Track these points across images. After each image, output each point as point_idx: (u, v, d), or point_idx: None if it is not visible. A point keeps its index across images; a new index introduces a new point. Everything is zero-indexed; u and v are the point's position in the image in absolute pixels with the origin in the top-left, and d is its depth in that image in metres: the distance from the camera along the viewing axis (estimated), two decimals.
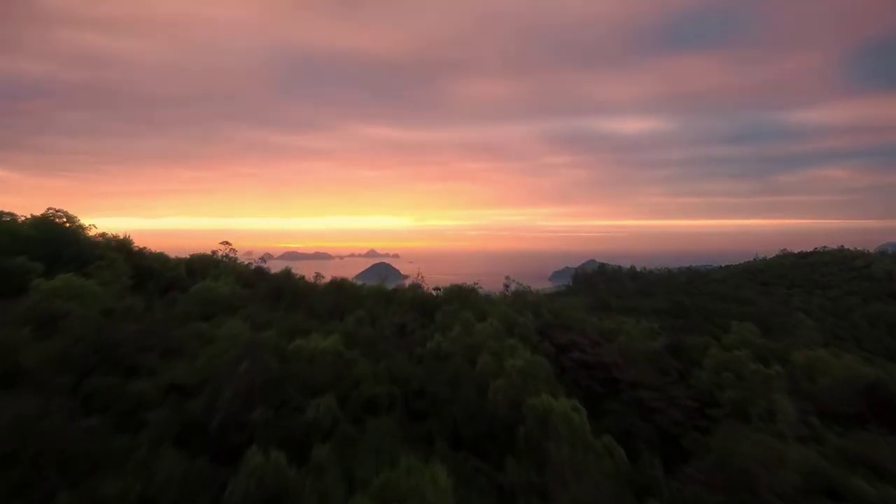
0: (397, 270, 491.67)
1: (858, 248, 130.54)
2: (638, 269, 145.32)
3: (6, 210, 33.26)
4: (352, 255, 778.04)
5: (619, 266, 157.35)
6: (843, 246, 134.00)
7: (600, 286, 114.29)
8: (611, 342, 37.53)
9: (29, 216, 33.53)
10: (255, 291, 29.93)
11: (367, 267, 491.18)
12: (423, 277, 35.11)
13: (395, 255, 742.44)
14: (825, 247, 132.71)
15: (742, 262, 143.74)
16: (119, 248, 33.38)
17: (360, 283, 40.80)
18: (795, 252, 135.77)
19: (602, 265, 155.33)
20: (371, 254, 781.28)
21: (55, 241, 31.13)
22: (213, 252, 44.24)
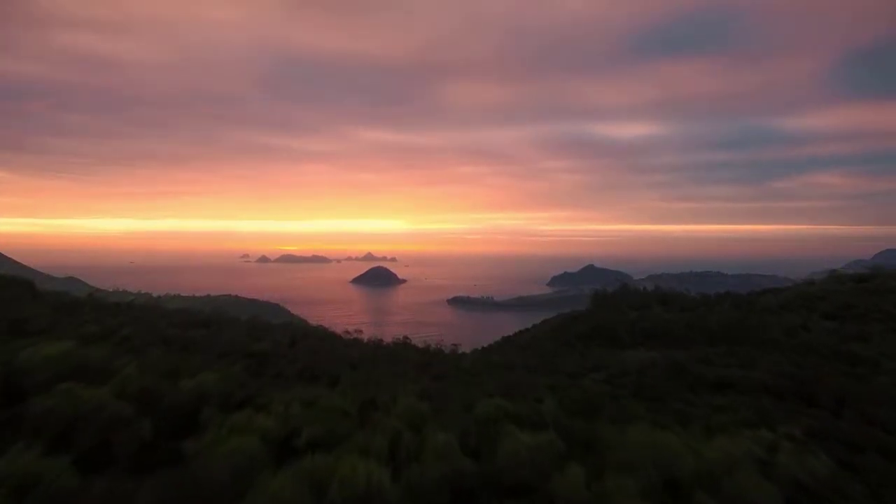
0: (395, 274, 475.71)
1: (857, 255, 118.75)
2: (664, 290, 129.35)
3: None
4: (349, 259, 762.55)
5: (644, 287, 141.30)
6: None
7: (631, 314, 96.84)
8: None
9: None
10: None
11: (364, 270, 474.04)
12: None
13: (393, 259, 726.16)
14: (881, 267, 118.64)
15: (774, 279, 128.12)
16: None
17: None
18: (849, 273, 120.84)
19: (624, 284, 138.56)
20: (368, 257, 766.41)
21: None
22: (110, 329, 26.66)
